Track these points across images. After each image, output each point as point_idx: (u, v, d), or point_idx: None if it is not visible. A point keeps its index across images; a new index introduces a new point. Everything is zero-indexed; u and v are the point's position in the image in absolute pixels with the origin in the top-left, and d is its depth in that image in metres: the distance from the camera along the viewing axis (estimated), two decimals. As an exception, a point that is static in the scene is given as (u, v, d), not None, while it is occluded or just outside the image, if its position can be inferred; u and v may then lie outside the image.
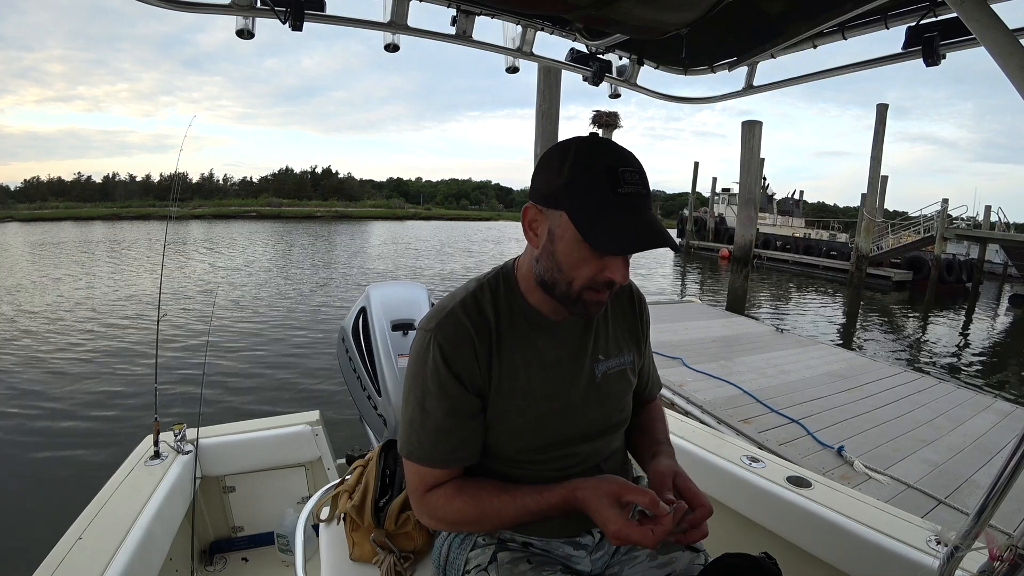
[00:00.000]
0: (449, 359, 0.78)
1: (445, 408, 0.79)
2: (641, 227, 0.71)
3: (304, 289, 12.21)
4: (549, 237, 0.76)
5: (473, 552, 0.87)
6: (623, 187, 0.70)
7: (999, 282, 20.59)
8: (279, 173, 76.21)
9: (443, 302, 0.84)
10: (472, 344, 0.79)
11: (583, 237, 0.71)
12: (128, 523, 1.20)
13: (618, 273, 0.74)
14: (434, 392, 0.79)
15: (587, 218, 0.71)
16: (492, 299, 0.84)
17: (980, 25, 0.62)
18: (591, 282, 0.75)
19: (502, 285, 0.86)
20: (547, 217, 0.76)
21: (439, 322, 0.80)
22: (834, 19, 0.94)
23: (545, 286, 0.80)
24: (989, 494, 0.74)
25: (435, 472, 0.81)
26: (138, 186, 67.57)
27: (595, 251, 0.72)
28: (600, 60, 1.23)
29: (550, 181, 0.74)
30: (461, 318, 0.80)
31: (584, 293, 0.76)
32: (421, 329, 0.82)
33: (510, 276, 0.87)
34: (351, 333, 1.64)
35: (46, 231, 31.82)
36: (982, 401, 4.73)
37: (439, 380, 0.79)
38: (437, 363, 0.78)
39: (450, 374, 0.78)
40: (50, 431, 4.54)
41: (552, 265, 0.77)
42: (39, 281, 12.79)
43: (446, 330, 0.79)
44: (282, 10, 0.88)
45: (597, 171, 0.71)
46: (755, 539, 1.36)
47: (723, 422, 3.93)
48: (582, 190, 0.71)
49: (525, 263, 0.85)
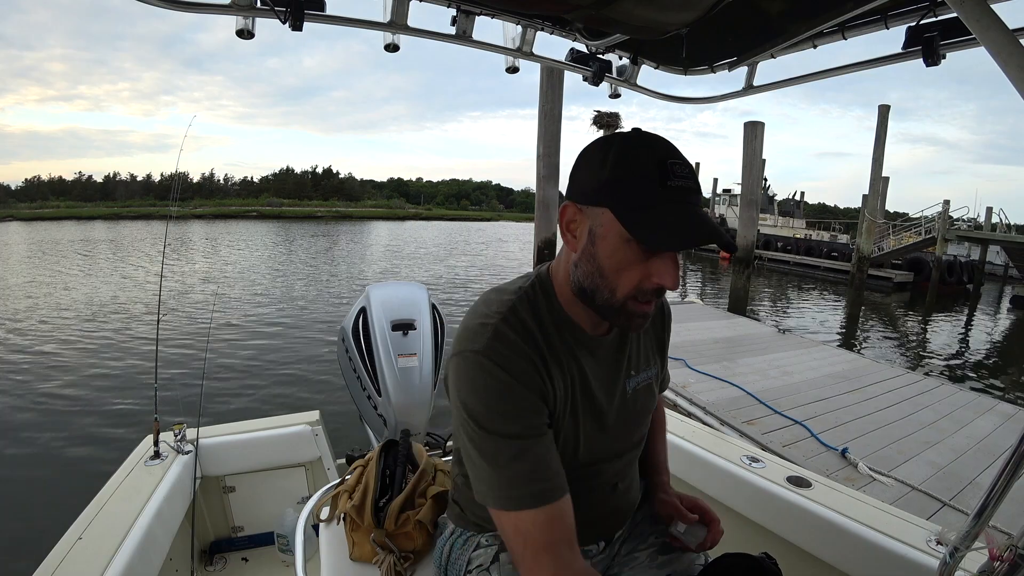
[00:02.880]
0: (515, 373, 0.68)
1: (525, 426, 0.68)
2: (694, 221, 0.66)
3: (304, 289, 12.21)
4: (590, 238, 0.70)
5: (476, 552, 0.86)
6: (672, 180, 0.65)
7: (1000, 283, 20.57)
8: (280, 173, 76.38)
9: (476, 319, 0.73)
10: (530, 360, 0.70)
11: (629, 232, 0.65)
12: (128, 523, 1.20)
13: (667, 277, 0.67)
14: (509, 413, 0.68)
15: (634, 213, 0.65)
16: (533, 312, 0.74)
17: (980, 25, 0.62)
18: (637, 289, 0.69)
19: (540, 296, 0.77)
20: (587, 216, 0.70)
21: (487, 342, 0.69)
22: (834, 19, 0.94)
23: (584, 295, 0.73)
24: (989, 494, 0.74)
25: (548, 512, 0.67)
26: (139, 186, 67.76)
27: (642, 251, 0.66)
28: (600, 60, 1.23)
29: (591, 177, 0.69)
30: (508, 334, 0.70)
31: (628, 303, 0.69)
32: (466, 352, 0.70)
33: (547, 285, 0.78)
34: (351, 333, 1.64)
35: (47, 230, 31.86)
36: (985, 403, 4.72)
37: (512, 398, 0.68)
38: (501, 379, 0.68)
39: (522, 387, 0.69)
40: (50, 431, 4.54)
41: (593, 269, 0.70)
42: (39, 281, 12.80)
43: (498, 347, 0.69)
44: (282, 10, 0.88)
45: (644, 164, 0.66)
46: (755, 539, 1.36)
47: (726, 424, 3.93)
48: (628, 184, 0.66)
49: (561, 269, 0.77)
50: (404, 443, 1.24)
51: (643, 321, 0.72)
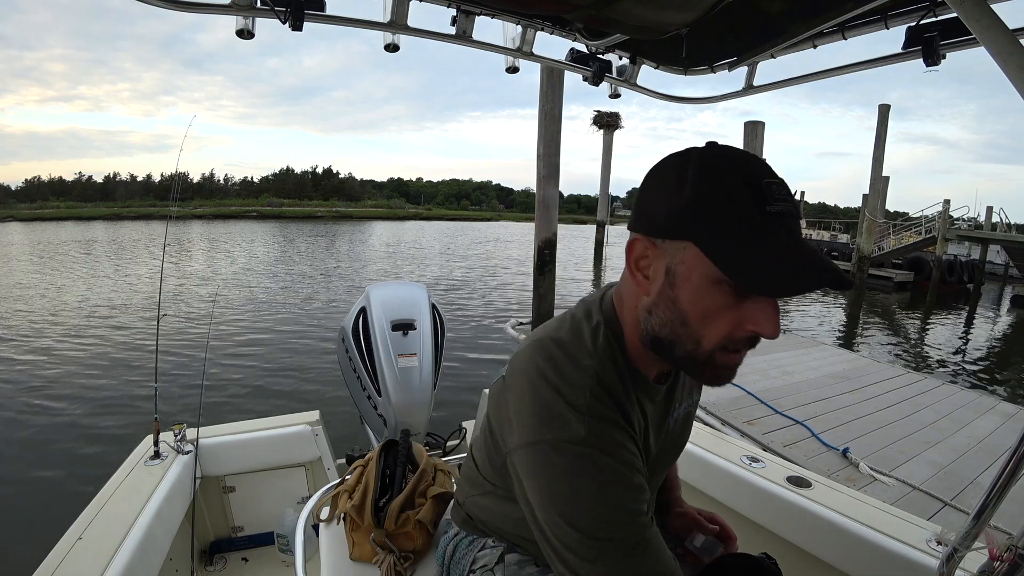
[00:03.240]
0: (622, 458, 0.60)
1: (640, 520, 0.60)
2: (807, 257, 0.54)
3: (304, 289, 12.21)
4: (667, 279, 0.58)
5: (482, 552, 0.85)
6: (772, 204, 0.53)
7: (1000, 283, 20.58)
8: (280, 173, 76.44)
9: (552, 394, 0.61)
10: (629, 435, 0.63)
11: (726, 273, 0.53)
12: (128, 523, 1.20)
13: (767, 324, 0.55)
14: (623, 508, 0.59)
15: (728, 248, 0.53)
16: (618, 376, 0.64)
17: (980, 25, 0.62)
18: (727, 339, 0.57)
19: (617, 353, 0.66)
20: (663, 252, 0.58)
21: (588, 428, 0.59)
22: (834, 19, 0.94)
23: (660, 346, 0.62)
24: (989, 494, 0.74)
25: None
26: (139, 186, 67.84)
27: (735, 293, 0.55)
28: (600, 60, 1.23)
29: (667, 203, 0.57)
30: (605, 411, 0.61)
31: (716, 354, 0.58)
32: (559, 444, 0.59)
33: (620, 337, 0.67)
34: (351, 333, 1.64)
35: (47, 231, 31.86)
36: (986, 402, 4.72)
37: (624, 489, 0.59)
38: (610, 469, 0.59)
39: (631, 471, 0.61)
40: (50, 431, 4.54)
41: (673, 317, 0.58)
42: (39, 281, 12.81)
43: (600, 430, 0.59)
44: (282, 10, 0.88)
45: (734, 185, 0.54)
46: (755, 539, 1.36)
47: (727, 424, 3.93)
48: (717, 211, 0.54)
49: (628, 313, 0.66)
50: (404, 443, 1.24)
51: (730, 375, 0.60)
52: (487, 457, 0.76)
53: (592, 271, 18.10)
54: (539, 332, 0.71)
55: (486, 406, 0.79)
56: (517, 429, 0.63)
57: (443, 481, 1.19)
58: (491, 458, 0.74)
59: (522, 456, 0.62)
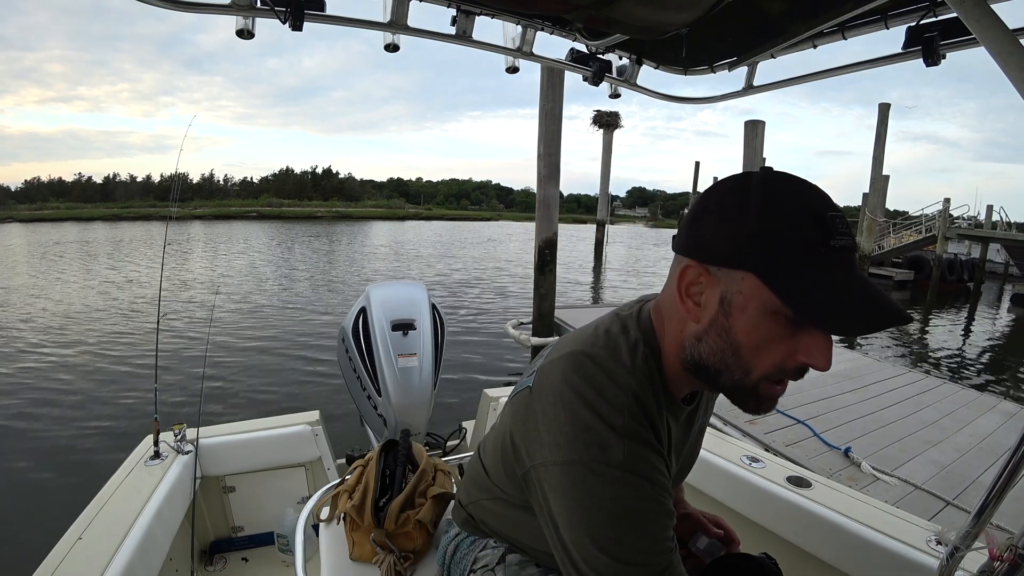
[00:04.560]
0: (656, 480, 0.60)
1: (668, 545, 0.61)
2: (870, 296, 0.54)
3: (304, 289, 12.22)
4: (722, 308, 0.57)
5: (483, 552, 0.85)
6: (836, 239, 0.53)
7: (1000, 281, 20.57)
8: (279, 173, 76.39)
9: (588, 412, 0.60)
10: (662, 456, 0.63)
11: (792, 309, 0.53)
12: (128, 523, 1.20)
13: (820, 356, 0.55)
14: (657, 534, 0.59)
15: (794, 282, 0.53)
16: (654, 396, 0.63)
17: (980, 25, 0.62)
18: (777, 369, 0.57)
19: (655, 371, 0.65)
20: (718, 281, 0.57)
21: (625, 450, 0.58)
22: (834, 19, 0.94)
23: (705, 373, 0.61)
24: (989, 494, 0.74)
25: None
26: (138, 187, 67.78)
27: (790, 325, 0.55)
28: (600, 60, 1.23)
29: (726, 231, 0.56)
30: (642, 433, 0.60)
31: (761, 385, 0.59)
32: (595, 465, 0.58)
33: (658, 356, 0.66)
34: (351, 333, 1.64)
35: (47, 232, 31.86)
36: (987, 402, 4.72)
37: (659, 513, 0.60)
38: (645, 495, 0.59)
39: (664, 493, 0.61)
40: (50, 431, 4.55)
41: (725, 346, 0.58)
42: (39, 281, 12.80)
43: (637, 452, 0.59)
44: (282, 10, 0.88)
45: (800, 217, 0.53)
46: (755, 539, 1.36)
47: (729, 423, 3.93)
48: (782, 244, 0.53)
49: (671, 336, 0.65)
50: (404, 443, 1.24)
51: (773, 404, 0.61)
52: (501, 464, 0.75)
53: (591, 271, 18.10)
54: (570, 344, 0.69)
55: (496, 411, 0.78)
56: (549, 446, 0.62)
57: (443, 481, 1.19)
58: (506, 466, 0.73)
59: (554, 473, 0.61)
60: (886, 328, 0.52)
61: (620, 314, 0.71)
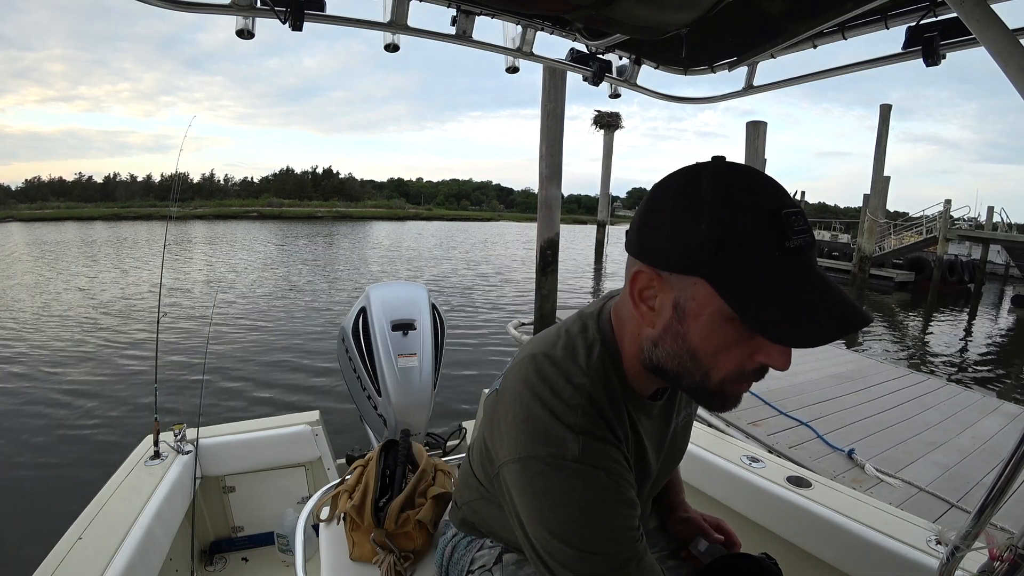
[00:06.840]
0: (614, 473, 0.60)
1: (633, 534, 0.61)
2: (832, 301, 0.52)
3: (304, 289, 12.22)
4: (676, 314, 0.56)
5: (480, 553, 0.85)
6: (791, 239, 0.50)
7: (1001, 283, 20.57)
8: (280, 173, 76.48)
9: (542, 411, 0.60)
10: (620, 450, 0.62)
11: (745, 322, 0.51)
12: (128, 523, 1.20)
13: (779, 358, 0.54)
14: (616, 524, 0.59)
15: (746, 291, 0.51)
16: (609, 397, 0.63)
17: (980, 25, 0.62)
18: (737, 371, 0.56)
19: (612, 374, 0.64)
20: (671, 286, 0.56)
21: (582, 444, 0.58)
22: (834, 19, 0.94)
23: (665, 375, 0.61)
24: (989, 494, 0.74)
25: None
26: (139, 186, 67.91)
27: (749, 330, 0.53)
28: (600, 60, 1.23)
29: (678, 237, 0.54)
30: (596, 429, 0.60)
31: (725, 385, 0.58)
32: (553, 459, 0.58)
33: (616, 358, 0.65)
34: (351, 333, 1.64)
35: (48, 231, 31.89)
36: (990, 403, 4.71)
37: (618, 504, 0.60)
38: (603, 485, 0.59)
39: (624, 484, 0.61)
40: (50, 431, 4.55)
41: (682, 352, 0.57)
42: (38, 282, 12.81)
43: (593, 447, 0.59)
44: (282, 10, 0.88)
45: (753, 220, 0.51)
46: (755, 539, 1.36)
47: (732, 425, 3.92)
48: (734, 248, 0.51)
49: (629, 338, 0.64)
50: (404, 443, 1.24)
51: (738, 402, 0.60)
52: (482, 464, 0.76)
53: (592, 272, 18.10)
54: (533, 346, 0.70)
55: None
56: (509, 445, 0.63)
57: (443, 481, 1.19)
58: (485, 466, 0.74)
59: (514, 471, 0.62)
60: (843, 337, 0.51)
61: (583, 313, 0.71)
